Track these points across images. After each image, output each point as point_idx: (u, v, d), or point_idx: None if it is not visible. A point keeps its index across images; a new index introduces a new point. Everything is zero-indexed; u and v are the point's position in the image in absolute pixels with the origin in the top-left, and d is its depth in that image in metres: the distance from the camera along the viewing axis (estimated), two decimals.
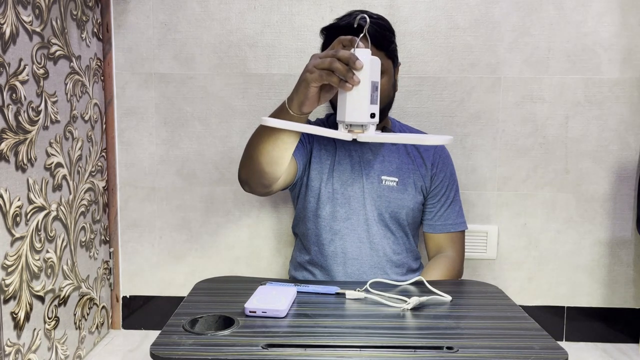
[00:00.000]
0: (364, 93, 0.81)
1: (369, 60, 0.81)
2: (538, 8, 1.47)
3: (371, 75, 0.82)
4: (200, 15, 1.50)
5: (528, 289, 1.56)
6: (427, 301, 0.92)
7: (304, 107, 0.89)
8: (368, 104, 0.82)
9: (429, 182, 1.26)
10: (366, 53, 0.82)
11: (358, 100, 0.82)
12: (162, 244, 1.58)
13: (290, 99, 0.91)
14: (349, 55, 0.80)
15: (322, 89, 0.88)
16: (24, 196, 1.12)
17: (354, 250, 1.21)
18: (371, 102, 0.82)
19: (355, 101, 0.82)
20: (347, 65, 0.81)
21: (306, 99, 0.88)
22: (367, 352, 0.74)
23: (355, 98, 0.82)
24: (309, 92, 0.86)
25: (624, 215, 1.53)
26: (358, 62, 0.80)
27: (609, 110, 1.49)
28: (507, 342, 0.78)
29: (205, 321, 0.83)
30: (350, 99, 0.82)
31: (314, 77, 0.84)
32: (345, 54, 0.81)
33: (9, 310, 1.07)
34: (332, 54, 0.83)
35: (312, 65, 0.85)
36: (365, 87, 0.81)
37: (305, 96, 0.87)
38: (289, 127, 0.86)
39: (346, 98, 0.82)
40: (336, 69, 0.81)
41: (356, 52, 0.82)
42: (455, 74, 1.50)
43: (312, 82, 0.85)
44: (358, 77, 0.81)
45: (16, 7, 1.07)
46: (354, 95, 0.82)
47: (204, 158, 1.55)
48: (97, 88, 1.47)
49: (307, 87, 0.86)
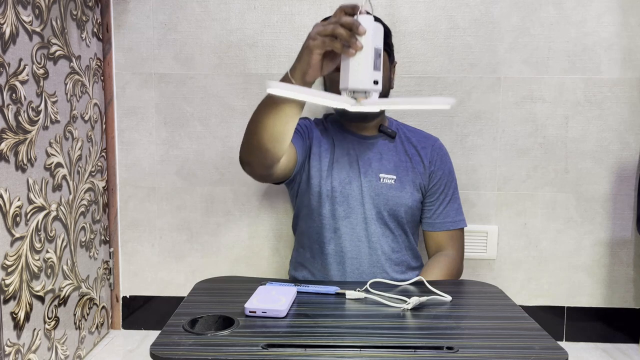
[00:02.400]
0: (367, 59, 0.80)
1: (372, 26, 0.80)
2: (538, 8, 1.47)
3: (374, 42, 0.81)
4: (200, 15, 1.50)
5: (528, 289, 1.56)
6: (427, 301, 0.92)
7: (307, 76, 0.88)
8: (371, 70, 0.81)
9: (427, 180, 1.26)
10: (369, 19, 0.81)
11: (361, 67, 0.81)
12: (162, 244, 1.58)
13: (293, 68, 0.90)
14: (352, 21, 0.80)
15: (325, 57, 0.87)
16: (24, 196, 1.12)
17: (352, 249, 1.21)
18: (374, 68, 0.81)
19: (358, 67, 0.81)
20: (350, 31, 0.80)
21: (309, 67, 0.86)
22: (367, 352, 0.74)
23: (358, 64, 0.81)
24: (311, 59, 0.85)
25: (624, 215, 1.53)
26: (361, 27, 0.79)
27: (609, 110, 1.49)
28: (507, 342, 0.78)
29: (205, 321, 0.83)
30: (354, 65, 0.81)
31: (316, 44, 0.84)
32: (348, 19, 0.80)
33: (9, 310, 1.07)
34: (335, 21, 0.82)
35: (315, 33, 0.84)
36: (368, 53, 0.80)
37: (308, 64, 0.86)
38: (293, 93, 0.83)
39: (349, 64, 0.81)
40: (339, 35, 0.81)
41: (359, 18, 0.81)
42: (455, 74, 1.50)
43: (315, 49, 0.84)
44: (361, 42, 0.80)
45: (16, 7, 1.07)
46: (357, 61, 0.81)
47: (204, 158, 1.55)
48: (97, 88, 1.47)
49: (310, 55, 0.85)
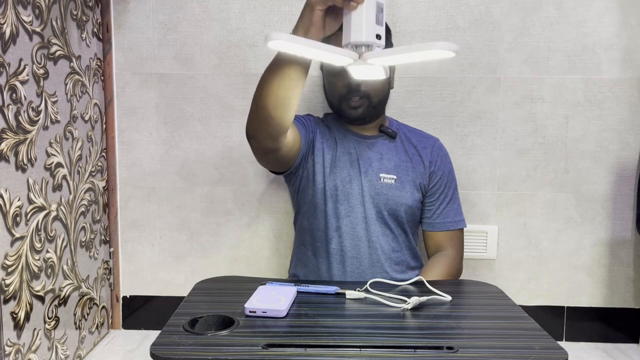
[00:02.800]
0: (369, 12, 0.80)
1: None
2: (538, 8, 1.47)
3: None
4: (200, 15, 1.50)
5: (528, 289, 1.56)
6: (427, 301, 0.92)
7: (309, 34, 0.87)
8: (373, 24, 0.80)
9: (427, 180, 1.26)
10: None
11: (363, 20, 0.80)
12: (162, 244, 1.58)
13: (295, 28, 0.89)
14: None
15: (327, 16, 0.86)
16: (24, 196, 1.12)
17: (352, 248, 1.21)
18: (376, 22, 0.80)
19: (360, 21, 0.80)
20: None
21: (311, 25, 0.85)
22: (367, 352, 0.74)
23: (360, 17, 0.80)
24: (313, 16, 0.84)
25: (624, 215, 1.53)
26: None
27: (609, 110, 1.49)
28: (507, 342, 0.78)
29: (205, 321, 0.83)
30: (356, 19, 0.80)
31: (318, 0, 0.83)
32: None
33: (9, 310, 1.07)
34: None
35: None
36: (370, 6, 0.80)
37: (310, 21, 0.85)
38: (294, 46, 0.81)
39: (351, 18, 0.80)
40: None
41: None
42: (455, 74, 1.50)
43: (316, 5, 0.84)
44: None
45: (16, 7, 1.07)
46: (358, 14, 0.80)
47: (204, 158, 1.55)
48: (97, 88, 1.47)
49: (311, 12, 0.84)
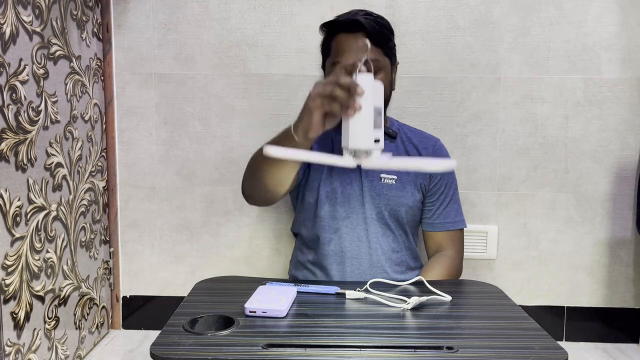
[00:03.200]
0: (367, 118, 0.80)
1: (371, 84, 0.80)
2: (538, 8, 1.47)
3: (374, 100, 0.80)
4: (200, 15, 1.50)
5: (528, 289, 1.56)
6: (427, 301, 0.92)
7: (309, 134, 0.89)
8: (372, 129, 0.80)
9: (428, 180, 1.26)
10: (368, 78, 0.81)
11: (361, 126, 0.80)
12: (162, 244, 1.58)
13: (295, 125, 0.91)
14: (350, 82, 0.80)
15: (326, 115, 0.88)
16: (24, 196, 1.12)
17: (352, 249, 1.21)
18: (375, 126, 0.81)
19: (359, 127, 0.81)
20: (349, 92, 0.80)
21: (311, 126, 0.87)
22: (367, 352, 0.74)
23: (358, 124, 0.80)
24: (312, 119, 0.86)
25: (624, 215, 1.53)
26: (359, 88, 0.79)
27: (609, 110, 1.49)
28: (507, 342, 0.78)
29: (205, 321, 0.83)
30: (354, 125, 0.81)
31: (316, 105, 0.84)
32: (346, 80, 0.80)
33: (9, 310, 1.07)
34: (333, 81, 0.82)
35: (315, 93, 0.84)
36: (368, 112, 0.80)
37: (309, 123, 0.87)
38: (293, 157, 0.85)
39: (349, 124, 0.81)
40: (337, 97, 0.81)
41: (358, 77, 0.81)
42: (455, 74, 1.50)
43: (314, 110, 0.85)
44: (359, 103, 0.79)
45: (16, 7, 1.07)
46: (357, 121, 0.80)
47: (204, 158, 1.55)
48: (97, 88, 1.47)
49: (310, 115, 0.86)
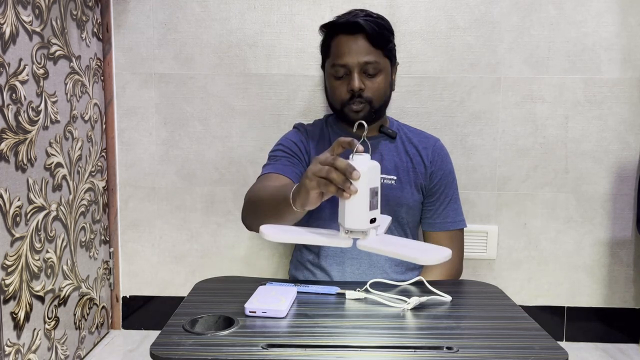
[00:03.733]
0: (363, 201, 0.80)
1: (367, 166, 0.80)
2: (538, 8, 1.47)
3: (370, 182, 0.80)
4: (200, 15, 1.50)
5: (528, 289, 1.56)
6: (427, 301, 0.92)
7: (306, 207, 0.90)
8: (367, 211, 0.81)
9: (428, 180, 1.26)
10: (365, 159, 0.81)
11: (357, 208, 0.81)
12: (162, 244, 1.58)
13: (293, 197, 0.92)
14: (346, 166, 0.79)
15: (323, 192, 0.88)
16: (24, 196, 1.12)
17: (352, 250, 1.21)
18: (371, 208, 0.81)
19: (355, 208, 0.81)
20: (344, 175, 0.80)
21: (307, 201, 0.88)
22: (367, 352, 0.74)
23: (354, 205, 0.81)
24: (309, 197, 0.87)
25: (624, 215, 1.53)
26: (355, 173, 0.79)
27: (609, 110, 1.49)
28: (507, 342, 0.78)
29: (205, 321, 0.83)
30: (350, 206, 0.81)
31: (312, 185, 0.84)
32: (342, 164, 0.80)
33: (9, 310, 1.07)
34: (330, 162, 0.81)
35: (312, 173, 0.84)
36: (363, 194, 0.80)
37: (306, 200, 0.88)
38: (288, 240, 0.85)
39: (345, 205, 0.81)
40: (333, 179, 0.80)
41: (355, 157, 0.81)
42: (455, 74, 1.50)
43: (311, 189, 0.85)
44: (355, 186, 0.79)
45: (16, 7, 1.07)
46: (353, 203, 0.81)
47: (204, 158, 1.55)
48: (97, 88, 1.47)
49: (307, 193, 0.86)
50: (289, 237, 0.85)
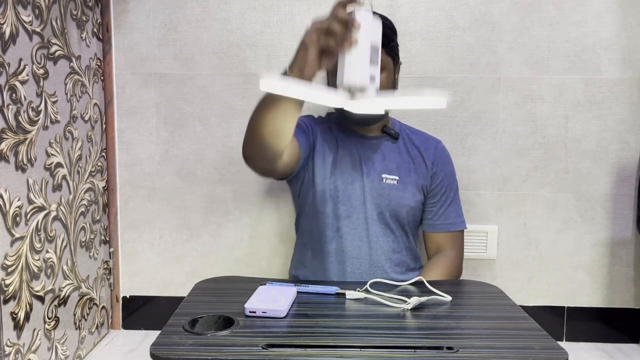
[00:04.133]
0: (363, 54, 0.78)
1: (369, 20, 0.78)
2: (538, 8, 1.47)
3: (371, 36, 0.78)
4: (200, 15, 1.50)
5: (528, 289, 1.56)
6: (427, 301, 0.92)
7: (304, 72, 0.86)
8: (367, 65, 0.78)
9: (429, 181, 1.26)
10: (367, 13, 0.79)
11: (357, 62, 0.78)
12: (162, 244, 1.58)
13: (291, 64, 0.89)
14: (347, 16, 0.79)
15: (322, 53, 0.86)
16: (23, 196, 1.12)
17: (353, 249, 1.21)
18: (371, 63, 0.79)
19: (354, 62, 0.78)
20: (346, 26, 0.79)
21: (306, 63, 0.85)
22: (367, 352, 0.74)
23: (354, 59, 0.78)
24: (308, 55, 0.84)
25: (624, 215, 1.53)
26: (356, 23, 0.78)
27: (609, 110, 1.49)
28: (507, 342, 0.78)
29: (205, 321, 0.83)
30: (349, 60, 0.79)
31: (312, 40, 0.83)
32: (343, 15, 0.79)
33: (9, 310, 1.07)
34: (331, 16, 0.81)
35: (312, 27, 0.83)
36: (364, 47, 0.78)
37: (304, 60, 0.85)
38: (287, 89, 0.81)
39: (345, 60, 0.79)
40: (334, 30, 0.80)
41: (357, 12, 0.79)
42: (455, 74, 1.50)
43: (310, 45, 0.84)
44: (356, 37, 0.78)
45: (16, 7, 1.07)
46: (353, 56, 0.78)
47: (204, 158, 1.55)
48: (97, 88, 1.47)
49: (306, 51, 0.85)
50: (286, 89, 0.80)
